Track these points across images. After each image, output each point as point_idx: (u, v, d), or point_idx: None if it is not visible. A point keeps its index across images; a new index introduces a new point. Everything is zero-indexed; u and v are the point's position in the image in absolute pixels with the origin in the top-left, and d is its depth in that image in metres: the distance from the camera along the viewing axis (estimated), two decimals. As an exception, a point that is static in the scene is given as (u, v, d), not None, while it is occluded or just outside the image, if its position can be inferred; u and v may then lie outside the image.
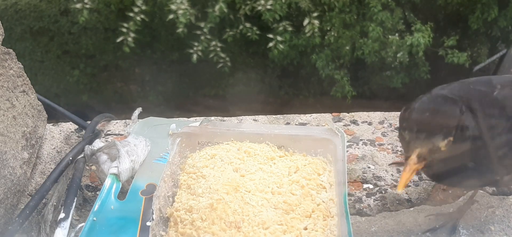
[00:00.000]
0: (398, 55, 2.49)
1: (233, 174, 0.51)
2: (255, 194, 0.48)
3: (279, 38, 2.47)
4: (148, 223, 0.45)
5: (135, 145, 0.53)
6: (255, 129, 0.58)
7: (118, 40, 2.40)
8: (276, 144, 0.57)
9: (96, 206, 0.47)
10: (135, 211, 0.47)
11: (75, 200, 0.49)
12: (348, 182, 0.56)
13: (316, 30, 2.46)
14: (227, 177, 0.50)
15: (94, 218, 0.46)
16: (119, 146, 0.52)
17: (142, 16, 2.42)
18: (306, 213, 0.47)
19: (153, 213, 0.46)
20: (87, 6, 2.46)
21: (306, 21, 2.48)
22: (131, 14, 2.41)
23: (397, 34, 2.51)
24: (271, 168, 0.53)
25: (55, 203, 0.50)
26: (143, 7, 2.44)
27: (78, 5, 2.46)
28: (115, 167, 0.51)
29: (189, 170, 0.53)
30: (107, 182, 0.50)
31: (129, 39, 2.37)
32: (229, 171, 0.51)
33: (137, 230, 0.45)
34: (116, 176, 0.50)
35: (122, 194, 0.49)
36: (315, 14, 2.49)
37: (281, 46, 2.46)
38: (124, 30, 2.39)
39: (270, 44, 2.47)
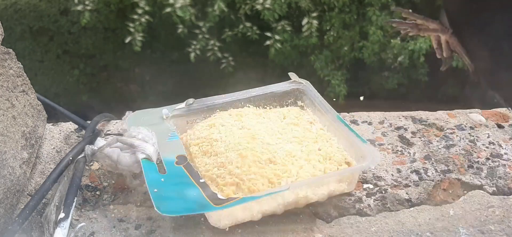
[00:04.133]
0: (399, 59, 2.50)
1: (242, 130, 0.56)
2: (270, 137, 0.55)
3: (277, 37, 2.48)
4: (201, 180, 0.49)
5: (143, 133, 0.54)
6: (233, 97, 0.63)
7: (127, 40, 2.40)
8: (254, 105, 0.63)
9: (148, 182, 0.48)
10: (183, 176, 0.50)
11: (75, 200, 0.49)
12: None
13: (314, 30, 2.46)
14: (239, 133, 0.55)
15: (155, 190, 0.47)
16: (128, 139, 0.53)
17: (147, 17, 2.42)
18: (313, 140, 0.56)
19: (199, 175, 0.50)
20: (88, 7, 2.47)
21: (305, 21, 2.48)
22: (135, 16, 2.41)
23: (399, 38, 2.52)
24: (264, 119, 0.60)
25: (57, 204, 0.49)
26: (146, 8, 2.44)
27: (79, 7, 2.46)
28: (142, 153, 0.52)
29: (197, 141, 0.56)
30: (144, 165, 0.51)
31: (138, 38, 2.37)
32: (236, 129, 0.56)
33: (197, 186, 0.48)
34: (148, 159, 0.52)
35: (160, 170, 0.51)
36: (314, 14, 2.49)
37: (279, 45, 2.47)
38: (131, 29, 2.38)
39: (268, 42, 2.47)
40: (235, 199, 0.46)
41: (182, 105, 0.61)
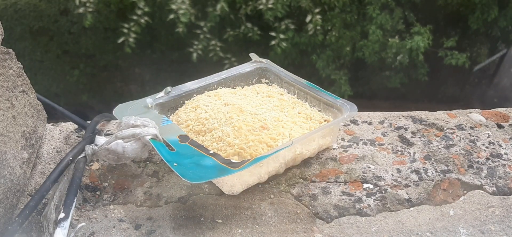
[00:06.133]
0: (398, 57, 2.50)
1: (228, 106, 0.59)
2: (254, 108, 0.59)
3: (282, 36, 2.48)
4: (211, 152, 0.51)
5: (140, 119, 0.55)
6: (206, 81, 0.67)
7: (119, 40, 2.40)
8: (225, 86, 0.68)
9: (165, 158, 0.50)
10: (193, 150, 0.51)
11: (75, 200, 0.49)
12: (348, 183, 0.56)
13: (318, 27, 2.46)
14: (226, 109, 0.59)
15: (175, 164, 0.49)
16: (127, 131, 0.53)
17: (146, 18, 2.42)
18: (291, 107, 0.62)
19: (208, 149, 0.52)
20: (90, 9, 2.47)
21: (308, 18, 2.47)
22: (134, 17, 2.41)
23: (397, 37, 2.52)
24: (241, 96, 0.64)
25: (56, 203, 0.49)
26: (146, 9, 2.44)
27: (81, 10, 2.46)
28: (148, 135, 0.52)
29: (186, 124, 0.59)
30: (154, 144, 0.52)
31: (131, 40, 2.37)
32: (222, 106, 0.60)
33: (210, 157, 0.50)
34: (155, 138, 0.53)
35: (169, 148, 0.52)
36: (317, 10, 2.49)
37: (284, 44, 2.47)
38: (125, 30, 2.38)
39: (273, 42, 2.47)
40: (249, 160, 0.49)
41: (161, 93, 0.63)
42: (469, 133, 0.65)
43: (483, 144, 0.62)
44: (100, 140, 0.57)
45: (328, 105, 0.61)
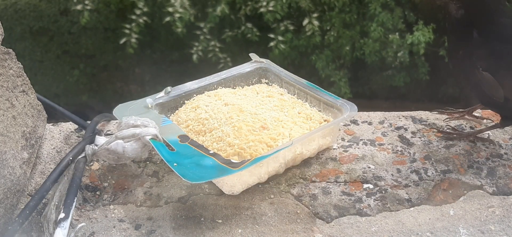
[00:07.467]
0: (399, 54, 2.49)
1: (228, 106, 0.59)
2: (254, 108, 0.59)
3: (280, 38, 2.48)
4: (211, 152, 0.51)
5: (140, 119, 0.55)
6: (206, 82, 0.67)
7: (121, 41, 2.39)
8: (225, 86, 0.67)
9: (165, 158, 0.50)
10: (193, 150, 0.51)
11: (75, 200, 0.49)
12: (348, 183, 0.56)
13: (316, 29, 2.46)
14: (226, 109, 0.59)
15: (175, 164, 0.49)
16: (127, 131, 0.53)
17: (145, 18, 2.42)
18: (291, 107, 0.62)
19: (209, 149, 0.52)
20: (88, 7, 2.46)
21: (306, 21, 2.47)
22: (134, 17, 2.41)
23: (397, 34, 2.51)
24: (241, 96, 0.64)
25: (56, 203, 0.49)
26: (145, 9, 2.43)
27: (79, 7, 2.45)
28: (149, 135, 0.53)
29: (186, 124, 0.59)
30: (154, 144, 0.52)
31: (133, 40, 2.37)
32: (222, 106, 0.60)
33: (210, 157, 0.50)
34: (155, 138, 0.53)
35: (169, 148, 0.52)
36: (315, 15, 2.49)
37: (282, 46, 2.47)
38: (127, 31, 2.38)
39: (271, 44, 2.47)
40: (250, 160, 0.49)
41: (161, 93, 0.63)
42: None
43: (483, 144, 0.62)
44: (100, 140, 0.57)
45: (328, 105, 0.61)
